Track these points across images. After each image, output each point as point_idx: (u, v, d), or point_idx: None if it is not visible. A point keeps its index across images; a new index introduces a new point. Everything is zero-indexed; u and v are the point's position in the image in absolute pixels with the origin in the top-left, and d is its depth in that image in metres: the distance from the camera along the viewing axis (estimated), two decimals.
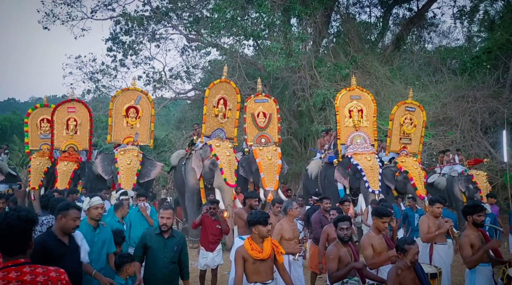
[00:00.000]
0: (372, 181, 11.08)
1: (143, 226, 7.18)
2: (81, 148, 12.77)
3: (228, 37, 20.64)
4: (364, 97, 12.49)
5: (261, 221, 4.39)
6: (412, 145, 12.61)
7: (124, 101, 12.43)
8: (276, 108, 13.04)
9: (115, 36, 21.61)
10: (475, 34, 23.47)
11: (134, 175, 11.46)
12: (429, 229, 6.36)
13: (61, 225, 4.06)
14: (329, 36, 21.81)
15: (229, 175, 10.91)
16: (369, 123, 12.34)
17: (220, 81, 12.07)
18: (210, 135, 11.94)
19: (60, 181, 11.85)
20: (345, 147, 12.11)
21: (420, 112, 12.74)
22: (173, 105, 27.27)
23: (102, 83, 22.47)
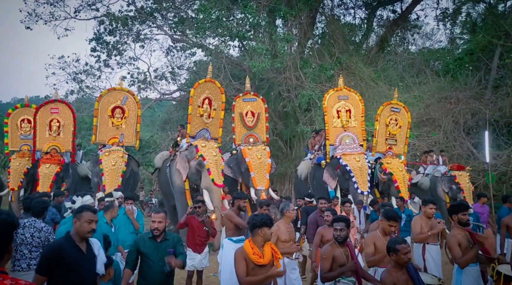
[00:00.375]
0: (361, 182, 11.05)
1: (128, 229, 7.02)
2: (64, 150, 12.49)
3: (213, 37, 20.59)
4: (352, 97, 12.47)
5: (268, 223, 4.29)
6: (397, 146, 12.64)
7: (110, 101, 12.14)
8: (265, 107, 12.96)
9: (99, 36, 21.37)
10: (457, 36, 23.80)
11: (119, 176, 11.23)
12: (421, 229, 6.34)
13: (76, 229, 3.84)
14: (314, 37, 21.92)
15: (217, 175, 10.76)
16: (358, 123, 12.31)
17: (205, 80, 11.92)
18: (195, 135, 11.77)
19: (42, 184, 11.55)
20: (334, 148, 12.04)
21: (405, 113, 12.78)
22: (158, 106, 27.11)
23: (85, 83, 22.23)
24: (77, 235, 3.82)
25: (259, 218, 4.32)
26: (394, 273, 4.17)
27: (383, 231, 5.08)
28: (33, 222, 5.22)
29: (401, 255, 4.14)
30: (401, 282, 4.15)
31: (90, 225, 3.84)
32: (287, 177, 20.40)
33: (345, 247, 4.76)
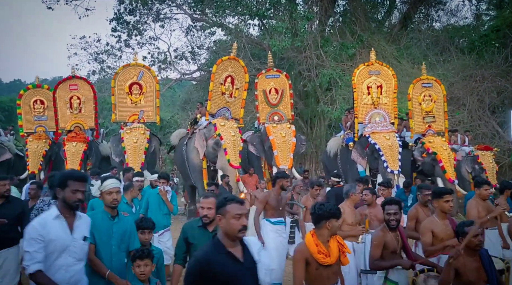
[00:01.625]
0: (391, 161, 10.56)
1: (162, 211, 6.79)
2: (87, 127, 12.35)
3: (233, 16, 20.47)
4: (384, 72, 11.84)
5: (336, 214, 3.63)
6: (436, 122, 11.95)
7: (126, 77, 11.87)
8: (289, 84, 12.53)
9: (119, 16, 21.44)
10: (483, 12, 23.07)
11: (142, 153, 11.06)
12: (479, 213, 5.77)
13: (224, 229, 2.82)
14: (335, 15, 21.55)
15: (233, 156, 10.53)
16: (389, 99, 11.71)
17: (229, 58, 11.65)
18: (215, 113, 11.52)
19: (71, 163, 11.38)
20: (363, 126, 11.53)
21: (438, 86, 12.12)
22: (179, 86, 27.16)
23: (107, 63, 22.44)
24: (226, 237, 2.80)
25: (326, 208, 3.62)
26: (462, 258, 3.74)
27: (441, 212, 4.62)
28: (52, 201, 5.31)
29: (471, 238, 3.74)
30: (469, 268, 3.76)
31: (240, 222, 2.77)
32: (307, 157, 20.37)
33: (396, 231, 4.37)
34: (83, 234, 3.38)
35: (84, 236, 3.39)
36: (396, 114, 11.91)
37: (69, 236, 3.27)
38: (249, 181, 11.29)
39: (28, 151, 12.15)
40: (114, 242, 3.87)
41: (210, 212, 3.86)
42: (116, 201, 3.99)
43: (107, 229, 3.87)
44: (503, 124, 16.21)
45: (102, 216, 3.94)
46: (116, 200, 3.99)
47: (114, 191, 4.01)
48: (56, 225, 3.23)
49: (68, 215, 3.31)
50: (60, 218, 3.26)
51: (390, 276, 4.30)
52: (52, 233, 3.17)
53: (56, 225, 3.23)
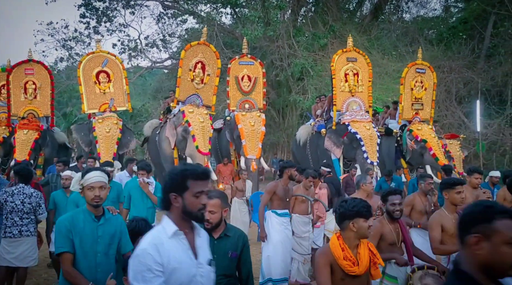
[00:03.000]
0: (371, 152, 10.38)
1: (146, 204, 6.24)
2: (42, 115, 11.60)
3: (205, 4, 20.29)
4: (360, 60, 11.58)
5: (364, 213, 2.96)
6: (424, 110, 11.73)
7: (92, 66, 11.32)
8: (262, 72, 12.27)
9: (88, 2, 20.95)
10: (452, 4, 23.55)
11: (114, 144, 10.70)
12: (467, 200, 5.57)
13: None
14: (307, 5, 21.63)
15: (202, 142, 10.15)
16: (365, 88, 11.45)
17: (198, 43, 11.21)
18: (185, 100, 11.11)
19: (19, 151, 10.67)
20: (340, 114, 11.23)
21: (431, 74, 11.86)
22: (150, 74, 26.82)
23: (75, 51, 21.92)
24: None
25: (349, 205, 2.98)
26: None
27: (451, 206, 4.26)
28: (21, 189, 5.21)
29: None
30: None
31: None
32: (279, 147, 20.48)
33: (395, 223, 4.06)
34: (207, 257, 2.36)
35: (210, 260, 2.38)
36: (371, 103, 11.79)
37: (193, 261, 2.25)
38: (224, 171, 11.12)
39: None
40: (100, 249, 3.15)
41: (214, 217, 3.15)
42: (99, 198, 3.18)
43: (90, 232, 3.14)
44: (469, 114, 16.65)
45: (84, 216, 3.19)
46: (98, 198, 3.17)
47: (97, 186, 3.20)
48: (175, 246, 2.18)
49: (188, 231, 2.27)
50: (179, 236, 2.21)
51: (389, 271, 3.99)
52: (173, 259, 2.16)
53: (175, 246, 2.18)
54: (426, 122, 11.63)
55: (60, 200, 5.90)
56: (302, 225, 6.38)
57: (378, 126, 11.85)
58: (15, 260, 5.15)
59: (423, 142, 10.75)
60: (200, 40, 11.36)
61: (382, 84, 16.62)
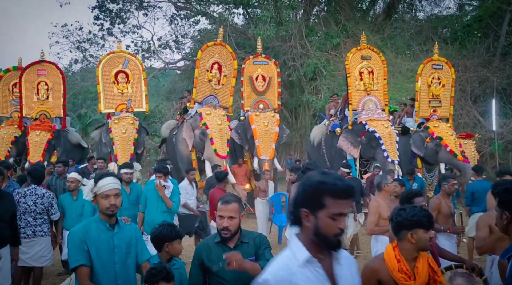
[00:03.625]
0: (391, 150, 10.13)
1: (160, 208, 6.09)
2: (54, 115, 11.54)
3: (217, 5, 20.33)
4: (375, 57, 11.38)
5: (425, 223, 2.63)
6: (442, 108, 11.42)
7: (111, 66, 11.21)
8: (277, 71, 12.12)
9: (102, 4, 21.17)
10: (466, 2, 23.27)
11: (131, 144, 10.46)
12: None
13: None
14: (319, 4, 21.56)
15: (220, 145, 10.11)
16: (380, 86, 11.24)
17: (215, 43, 11.19)
18: (202, 101, 11.05)
19: (33, 153, 10.69)
20: (356, 113, 11.01)
21: (448, 69, 11.57)
22: (163, 75, 26.96)
23: (89, 52, 22.14)
24: None
25: (407, 215, 2.66)
26: None
27: None
28: (33, 190, 5.28)
29: None
30: None
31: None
32: (292, 147, 20.45)
33: None
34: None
35: None
36: (387, 101, 11.55)
37: None
38: (239, 172, 11.02)
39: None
40: (117, 259, 2.99)
41: (232, 223, 2.84)
42: (115, 207, 2.97)
43: (106, 242, 2.96)
44: (484, 114, 16.44)
45: (97, 226, 3.00)
46: (114, 206, 2.97)
47: (113, 194, 2.98)
48: (308, 277, 1.76)
49: (323, 257, 1.81)
50: (313, 264, 1.78)
51: None
52: None
53: (308, 277, 1.76)
54: (445, 119, 11.33)
55: (68, 203, 5.85)
56: None
57: (394, 125, 11.64)
58: (30, 260, 5.22)
59: (439, 139, 10.46)
60: (216, 41, 11.30)
61: (396, 83, 16.50)
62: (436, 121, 10.98)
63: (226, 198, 2.94)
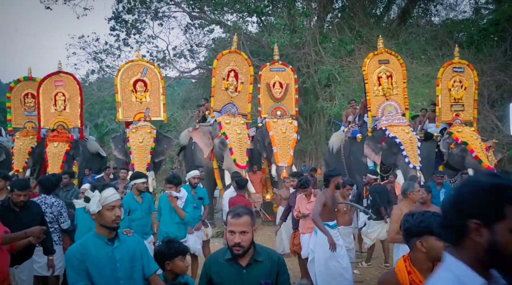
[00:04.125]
0: (413, 156, 10.00)
1: (174, 219, 6.03)
2: (71, 126, 11.67)
3: (231, 13, 20.48)
4: (393, 61, 11.26)
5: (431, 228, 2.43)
6: (465, 111, 11.23)
7: (130, 74, 11.30)
8: (294, 78, 12.06)
9: (118, 15, 21.47)
10: (482, 6, 23.01)
11: (148, 154, 10.48)
12: None
13: None
14: (333, 11, 21.53)
15: (239, 155, 10.08)
16: (399, 90, 11.12)
17: (230, 51, 11.20)
18: (221, 110, 11.02)
19: (52, 165, 10.76)
20: (375, 119, 10.92)
21: (470, 72, 11.43)
22: (178, 84, 27.19)
23: (106, 63, 22.43)
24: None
25: (416, 220, 2.49)
26: None
27: None
28: (43, 199, 5.35)
29: None
30: None
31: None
32: (307, 154, 20.36)
33: None
34: None
35: None
36: (407, 105, 11.32)
37: None
38: (254, 179, 10.98)
39: (14, 148, 11.53)
40: (121, 274, 2.81)
41: (245, 238, 2.58)
42: (119, 219, 2.88)
43: (106, 257, 2.80)
44: (502, 118, 16.19)
45: (94, 241, 2.82)
46: (119, 218, 2.87)
47: (118, 204, 2.88)
48: None
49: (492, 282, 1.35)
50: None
51: None
52: None
53: None
54: (469, 123, 11.09)
55: (80, 215, 5.71)
56: (347, 235, 6.35)
57: (416, 130, 11.43)
58: (41, 269, 5.22)
59: (464, 144, 10.29)
60: (231, 49, 11.29)
61: (411, 88, 16.34)
62: (459, 126, 10.82)
63: (236, 210, 2.65)
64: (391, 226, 5.02)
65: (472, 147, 10.21)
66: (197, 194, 6.76)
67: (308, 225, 6.21)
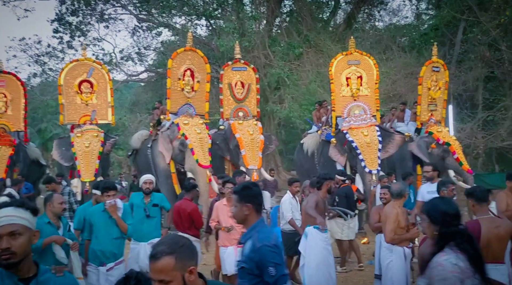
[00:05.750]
0: (369, 160, 9.80)
1: (111, 234, 4.99)
2: (14, 129, 10.94)
3: (179, 16, 20.32)
4: (365, 62, 10.96)
5: None
6: (437, 111, 11.15)
7: (75, 75, 10.52)
8: (256, 78, 11.69)
9: (61, 17, 20.74)
10: (423, 11, 24.01)
11: (96, 159, 9.87)
12: (508, 206, 5.48)
13: None
14: (282, 15, 21.82)
15: (202, 155, 9.64)
16: (371, 91, 10.82)
17: (185, 49, 10.64)
18: (177, 111, 10.49)
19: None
20: (343, 120, 10.73)
21: (444, 72, 11.36)
22: (126, 88, 26.66)
23: (49, 66, 21.63)
24: None
25: None
26: None
27: None
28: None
29: None
30: None
31: None
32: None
33: None
34: None
35: None
36: (378, 106, 11.14)
37: None
38: None
39: None
40: None
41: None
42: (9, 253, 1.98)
43: None
44: None
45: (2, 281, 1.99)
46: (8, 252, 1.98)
47: (4, 233, 2.01)
48: None
49: None
50: None
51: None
52: None
53: None
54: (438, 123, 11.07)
55: None
56: None
57: None
58: None
59: (447, 144, 10.16)
60: (186, 46, 10.76)
61: None
62: (436, 126, 10.70)
63: (155, 249, 1.88)
64: (389, 226, 4.89)
65: (454, 148, 10.11)
66: (151, 201, 6.08)
67: (232, 237, 5.51)
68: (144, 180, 6.23)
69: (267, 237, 2.78)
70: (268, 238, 2.77)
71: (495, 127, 16.32)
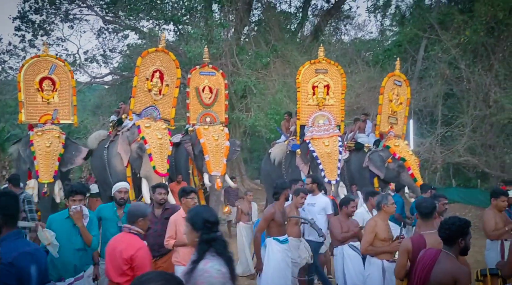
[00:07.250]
0: (329, 170, 9.80)
1: (74, 245, 4.47)
2: None
3: (147, 20, 20.12)
4: (332, 71, 10.86)
5: None
6: (397, 125, 11.20)
7: (36, 71, 10.05)
8: (224, 83, 11.32)
9: (24, 15, 20.16)
10: (387, 27, 24.73)
11: (56, 160, 9.51)
12: (496, 225, 5.55)
13: None
14: (250, 24, 21.97)
15: (159, 162, 9.19)
16: (336, 100, 10.75)
17: (156, 50, 10.19)
18: (141, 113, 9.99)
19: None
20: (307, 129, 10.67)
21: (406, 88, 11.42)
22: (89, 90, 26.05)
23: (9, 64, 20.97)
24: None
25: None
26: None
27: None
28: None
29: None
30: None
31: None
32: None
33: None
34: None
35: None
36: (343, 117, 11.07)
37: None
38: (177, 190, 10.34)
39: None
40: None
41: None
42: None
43: None
44: None
45: None
46: None
47: None
48: None
49: None
50: None
51: None
52: None
53: None
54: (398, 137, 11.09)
55: None
56: (295, 248, 5.87)
57: (346, 141, 11.43)
58: None
59: (402, 160, 10.18)
60: (159, 47, 10.32)
61: None
62: (395, 140, 10.69)
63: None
64: (365, 238, 4.92)
65: (409, 164, 10.10)
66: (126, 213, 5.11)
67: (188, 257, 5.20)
68: (118, 189, 5.56)
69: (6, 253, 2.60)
70: (6, 255, 2.60)
71: (453, 143, 16.86)
